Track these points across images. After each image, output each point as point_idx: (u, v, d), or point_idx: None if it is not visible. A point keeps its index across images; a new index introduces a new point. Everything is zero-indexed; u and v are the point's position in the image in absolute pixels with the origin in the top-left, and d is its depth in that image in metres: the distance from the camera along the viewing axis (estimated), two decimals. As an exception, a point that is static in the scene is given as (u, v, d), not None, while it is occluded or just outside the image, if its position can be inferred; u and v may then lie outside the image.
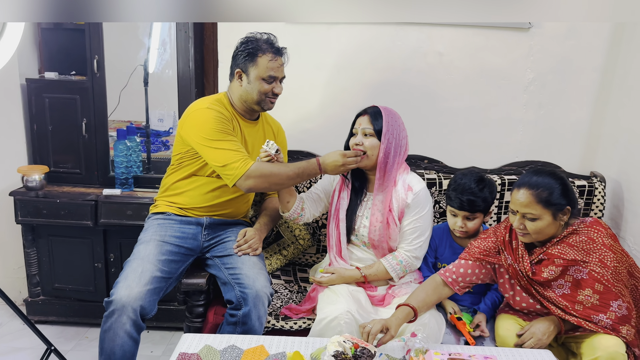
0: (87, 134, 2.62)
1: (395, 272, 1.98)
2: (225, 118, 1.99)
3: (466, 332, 1.90)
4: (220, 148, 1.91)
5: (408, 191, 1.99)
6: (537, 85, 2.58)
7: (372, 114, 1.99)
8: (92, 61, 2.53)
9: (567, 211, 1.77)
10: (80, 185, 2.67)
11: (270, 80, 2.01)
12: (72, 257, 2.67)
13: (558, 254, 1.78)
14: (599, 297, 1.74)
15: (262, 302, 1.88)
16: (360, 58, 2.57)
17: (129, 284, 1.82)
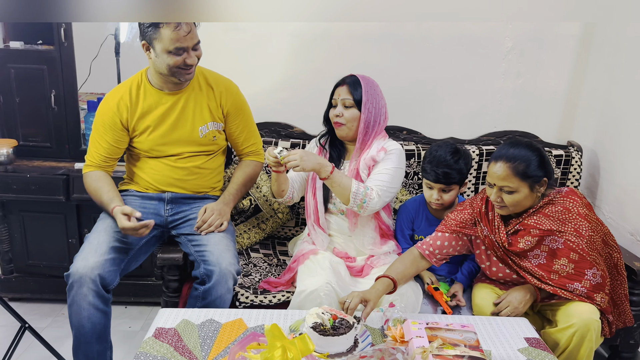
0: (57, 106, 2.53)
1: (356, 190, 1.86)
2: (116, 110, 1.95)
3: (443, 302, 1.92)
4: (90, 139, 2.02)
5: (380, 151, 1.96)
6: (515, 54, 2.56)
7: (351, 83, 1.96)
8: (59, 30, 2.42)
9: (544, 182, 1.77)
10: (51, 159, 2.59)
11: (178, 52, 1.83)
12: (45, 233, 2.61)
13: (534, 224, 1.79)
14: (574, 266, 1.76)
15: (225, 279, 1.84)
16: (335, 26, 2.51)
17: (84, 255, 1.81)
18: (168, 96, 1.98)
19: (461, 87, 2.60)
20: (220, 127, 2.08)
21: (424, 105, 2.62)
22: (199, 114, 2.01)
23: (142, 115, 1.98)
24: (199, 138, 2.03)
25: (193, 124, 2.01)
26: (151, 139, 1.99)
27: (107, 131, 1.98)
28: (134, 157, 2.07)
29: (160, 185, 2.04)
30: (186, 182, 2.06)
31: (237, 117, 2.09)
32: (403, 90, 2.60)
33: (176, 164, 2.03)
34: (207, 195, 2.12)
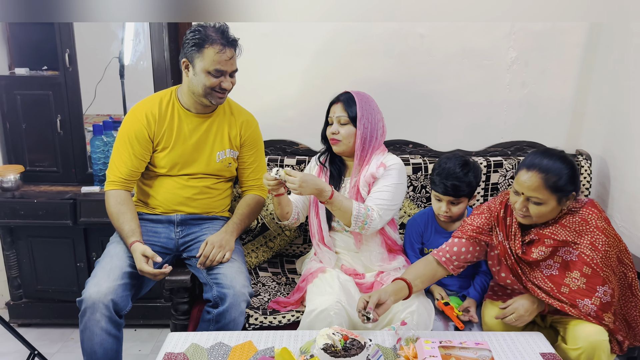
0: (63, 131, 2.54)
1: (357, 213, 1.85)
2: (144, 122, 1.96)
3: (454, 317, 1.88)
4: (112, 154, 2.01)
5: (380, 167, 1.95)
6: (520, 64, 2.55)
7: (345, 100, 1.96)
8: (64, 55, 2.44)
9: (571, 197, 1.71)
10: (58, 184, 2.60)
11: (217, 74, 1.88)
12: (53, 258, 2.61)
13: (549, 234, 1.73)
14: (586, 280, 1.70)
15: (239, 302, 1.83)
16: (339, 43, 2.51)
17: (97, 280, 1.80)
18: (194, 117, 2.01)
19: (466, 98, 2.59)
20: (236, 156, 2.12)
21: (429, 118, 2.61)
22: (219, 139, 2.05)
23: (167, 131, 1.99)
24: (216, 163, 2.06)
25: (212, 148, 2.04)
26: (170, 156, 2.00)
27: (134, 143, 1.97)
28: (146, 176, 2.07)
29: (170, 204, 2.04)
30: (196, 201, 2.06)
31: (251, 150, 2.13)
32: (408, 104, 2.59)
33: (188, 182, 2.04)
34: (215, 216, 2.12)
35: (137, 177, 2.03)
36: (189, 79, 1.92)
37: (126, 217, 1.94)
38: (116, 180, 1.99)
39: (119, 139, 2.00)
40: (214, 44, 1.85)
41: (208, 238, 1.96)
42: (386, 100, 2.57)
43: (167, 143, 2.00)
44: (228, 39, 1.88)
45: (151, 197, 2.06)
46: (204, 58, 1.86)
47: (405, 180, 2.00)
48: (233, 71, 1.92)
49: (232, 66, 1.91)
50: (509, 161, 2.44)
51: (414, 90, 2.57)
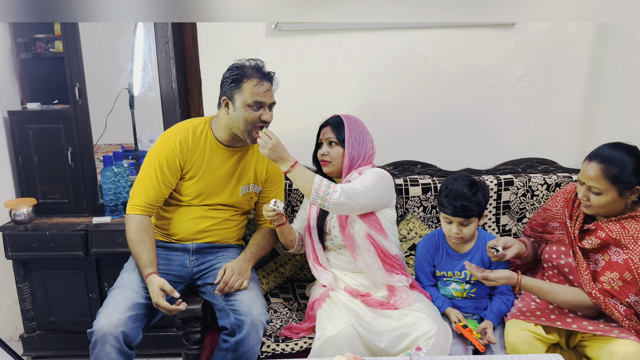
0: (74, 163, 2.57)
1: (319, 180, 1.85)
2: (176, 149, 1.97)
3: (474, 339, 1.84)
4: (138, 177, 2.00)
5: (356, 173, 2.00)
6: (526, 82, 2.54)
7: (334, 124, 2.05)
8: (74, 89, 2.48)
9: (636, 190, 1.70)
10: (70, 215, 2.62)
11: (256, 107, 1.92)
12: (65, 289, 2.62)
13: (606, 228, 1.74)
14: (622, 284, 1.69)
15: (257, 330, 1.82)
16: (344, 66, 2.53)
17: (108, 312, 1.79)
18: (225, 150, 2.03)
19: (473, 117, 2.58)
20: (258, 191, 2.14)
21: (437, 138, 2.60)
22: (245, 173, 2.08)
23: (197, 160, 2.01)
24: (239, 196, 2.08)
25: (238, 182, 2.06)
26: (197, 185, 2.01)
27: (164, 169, 1.97)
28: (166, 203, 2.07)
29: (188, 234, 2.05)
30: (213, 232, 2.07)
31: (274, 186, 2.17)
32: (415, 125, 2.59)
33: (207, 213, 2.05)
34: (230, 244, 2.13)
35: (161, 203, 2.03)
36: (229, 116, 1.95)
37: (146, 245, 1.93)
38: (140, 205, 1.98)
39: (148, 163, 1.99)
40: (252, 78, 1.91)
41: (226, 265, 1.96)
42: (393, 121, 2.59)
43: (196, 172, 2.01)
44: (264, 72, 1.94)
45: (169, 224, 2.07)
46: (243, 92, 1.90)
47: (386, 183, 2.01)
48: (272, 103, 1.96)
49: (270, 98, 1.95)
50: (520, 179, 2.42)
51: (420, 111, 2.57)
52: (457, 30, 2.50)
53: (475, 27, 2.49)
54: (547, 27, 2.49)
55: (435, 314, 1.89)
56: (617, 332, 1.71)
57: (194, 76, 2.62)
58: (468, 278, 2.04)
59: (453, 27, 2.49)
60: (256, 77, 1.91)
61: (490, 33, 2.50)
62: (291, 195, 2.38)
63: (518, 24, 2.48)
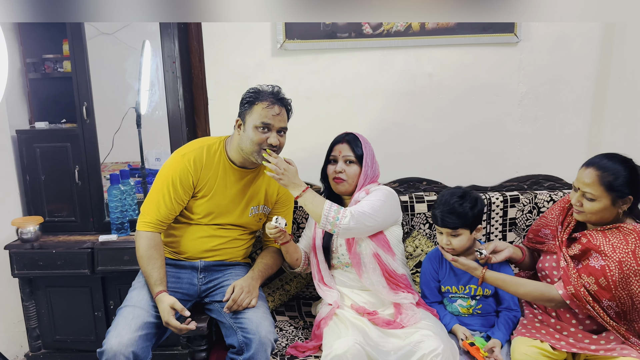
0: (80, 181, 2.59)
1: (329, 206, 1.87)
2: (190, 167, 1.97)
3: (481, 357, 1.83)
4: (150, 194, 2.00)
5: (363, 192, 2.01)
6: (530, 99, 2.55)
7: (352, 140, 2.04)
8: (81, 108, 2.51)
9: (628, 200, 1.74)
10: (76, 233, 2.63)
11: (264, 129, 1.91)
12: (71, 308, 2.61)
13: (589, 236, 1.78)
14: (597, 289, 1.72)
15: (265, 348, 1.81)
16: (348, 85, 2.55)
17: (119, 331, 1.78)
18: (237, 170, 2.04)
19: (478, 134, 2.59)
20: (268, 212, 2.15)
21: (442, 155, 2.61)
22: (256, 195, 2.09)
23: (210, 179, 2.01)
24: (248, 217, 2.08)
25: (248, 203, 2.07)
26: (208, 204, 2.02)
27: (177, 187, 1.97)
28: (175, 221, 2.07)
29: (196, 252, 2.05)
30: (222, 251, 2.07)
31: (284, 207, 2.18)
32: (420, 142, 2.60)
33: (216, 232, 2.05)
34: (237, 262, 2.13)
35: (171, 221, 2.03)
36: (240, 137, 1.96)
37: (156, 263, 1.92)
38: (152, 222, 1.97)
39: (160, 180, 1.99)
40: (264, 100, 1.92)
41: (235, 282, 1.95)
42: (398, 138, 2.60)
43: (208, 191, 2.01)
44: (278, 97, 1.95)
45: (178, 242, 2.06)
46: (252, 114, 1.92)
47: (392, 201, 2.02)
48: (281, 128, 1.95)
49: (279, 122, 1.94)
50: (526, 195, 2.41)
51: (425, 128, 2.58)
52: (460, 48, 2.52)
53: (479, 45, 2.51)
54: (551, 44, 2.50)
55: (442, 332, 1.87)
56: (620, 350, 1.71)
57: (200, 95, 2.65)
58: (473, 293, 2.02)
59: (457, 46, 2.51)
60: (268, 100, 1.92)
61: (494, 51, 2.51)
62: (297, 213, 2.38)
63: (521, 41, 2.50)
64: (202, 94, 2.65)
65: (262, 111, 1.91)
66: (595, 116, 2.56)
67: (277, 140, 1.94)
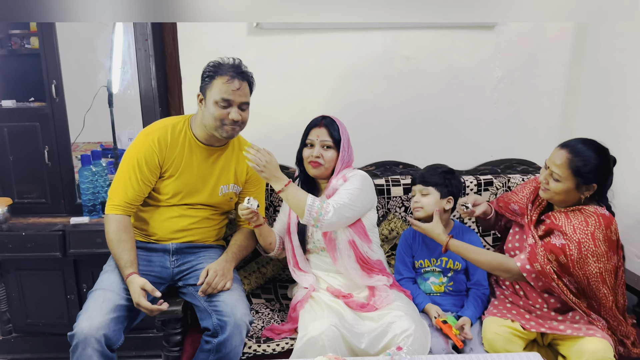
0: (51, 162, 2.52)
1: (312, 201, 1.87)
2: (155, 147, 1.94)
3: (453, 335, 1.88)
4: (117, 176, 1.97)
5: (340, 179, 2.01)
6: (506, 83, 2.57)
7: (330, 125, 2.03)
8: (50, 86, 2.43)
9: (592, 187, 1.78)
10: (47, 215, 2.57)
11: (224, 105, 1.89)
12: (43, 291, 2.57)
13: (552, 217, 1.83)
14: (557, 265, 1.77)
15: (240, 331, 1.81)
16: (325, 66, 2.53)
17: (89, 314, 1.76)
18: (204, 148, 2.00)
19: (454, 118, 2.60)
20: (238, 191, 2.12)
21: (418, 139, 2.62)
22: (225, 173, 2.05)
23: (176, 159, 1.98)
24: (218, 196, 2.05)
25: (217, 182, 2.04)
26: (175, 184, 1.99)
27: (143, 168, 1.94)
28: (144, 203, 2.04)
29: (166, 233, 2.02)
30: (192, 231, 2.04)
31: (255, 186, 2.14)
32: (397, 125, 2.60)
33: (186, 212, 2.03)
34: (211, 244, 2.11)
35: (140, 202, 2.00)
36: (202, 112, 1.93)
37: (126, 246, 1.90)
38: (120, 204, 1.94)
39: (126, 162, 1.96)
40: (223, 75, 1.88)
41: (209, 266, 1.94)
42: (375, 122, 2.59)
43: (174, 171, 1.98)
44: (239, 71, 1.90)
45: (148, 224, 2.04)
46: (212, 89, 1.89)
47: (368, 188, 2.04)
48: (242, 103, 1.92)
49: (240, 97, 1.90)
50: (499, 179, 2.45)
51: (402, 112, 2.58)
52: (438, 31, 2.51)
53: (457, 28, 2.51)
54: (527, 29, 2.52)
55: (414, 313, 1.90)
56: (585, 330, 1.76)
57: (174, 74, 2.59)
58: (444, 265, 2.09)
59: (435, 28, 2.51)
60: (228, 74, 1.88)
61: (472, 34, 2.52)
62: (273, 196, 2.36)
63: (498, 26, 2.50)
64: (175, 73, 2.59)
65: (222, 86, 1.87)
66: (569, 101, 2.59)
67: (238, 115, 1.91)
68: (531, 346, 1.90)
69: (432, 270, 2.11)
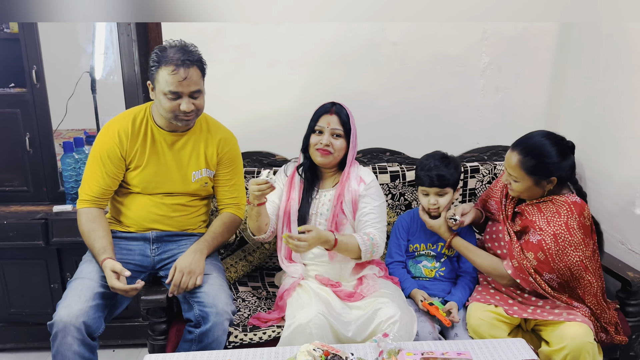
0: (32, 149, 2.47)
1: (365, 247, 1.90)
2: (116, 139, 1.90)
3: (440, 315, 1.90)
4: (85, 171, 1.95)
5: (361, 183, 2.00)
6: (493, 70, 2.56)
7: (341, 113, 1.97)
8: (30, 72, 2.38)
9: (552, 180, 1.79)
10: (29, 204, 2.53)
11: (173, 96, 1.80)
12: (26, 280, 2.53)
13: (526, 211, 1.84)
14: (536, 264, 1.79)
15: (222, 321, 1.80)
16: (312, 52, 2.50)
17: (68, 303, 1.75)
18: (168, 135, 1.95)
19: (441, 105, 2.59)
20: (212, 175, 2.05)
21: (405, 126, 2.61)
22: (194, 158, 1.99)
23: (139, 149, 1.94)
24: (191, 182, 2.00)
25: (187, 168, 1.98)
26: (143, 175, 1.95)
27: (107, 162, 1.92)
28: (119, 193, 2.02)
29: (144, 222, 1.99)
30: (171, 219, 2.01)
31: (228, 167, 2.06)
32: (384, 112, 2.58)
33: (162, 200, 1.99)
34: (193, 233, 2.07)
35: (109, 196, 1.98)
36: (155, 101, 1.88)
37: (97, 234, 1.89)
38: (88, 199, 1.93)
39: (91, 157, 1.95)
40: (168, 64, 1.76)
41: (177, 262, 1.88)
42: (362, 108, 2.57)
43: (140, 162, 1.94)
44: (182, 58, 1.77)
45: (124, 215, 2.01)
46: (159, 79, 1.80)
47: (384, 197, 2.07)
48: (193, 92, 1.82)
49: (188, 87, 1.79)
50: (486, 166, 2.45)
51: (389, 98, 2.57)
52: (426, 17, 2.49)
53: (444, 14, 2.49)
54: (514, 16, 2.50)
55: (400, 299, 1.91)
56: (566, 315, 1.78)
57: (158, 60, 2.54)
58: (439, 249, 2.10)
59: (422, 14, 2.48)
60: (172, 64, 1.76)
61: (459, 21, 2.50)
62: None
63: (486, 12, 2.49)
64: (160, 59, 2.55)
65: (167, 77, 1.76)
66: (555, 88, 2.59)
67: (190, 106, 1.82)
68: (516, 331, 1.92)
69: (427, 254, 2.12)
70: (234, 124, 2.19)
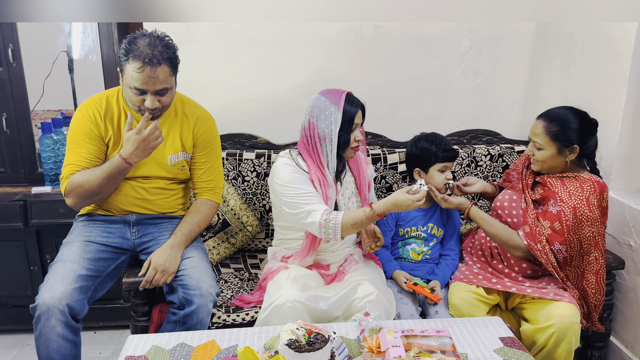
0: (9, 129, 2.43)
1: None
2: (92, 120, 1.86)
3: (427, 292, 1.94)
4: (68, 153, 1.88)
5: (368, 165, 2.10)
6: (473, 54, 2.59)
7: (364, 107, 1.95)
8: (7, 50, 2.32)
9: (574, 149, 1.84)
10: (6, 185, 2.49)
11: (137, 92, 1.76)
12: (4, 262, 2.50)
13: (549, 182, 1.89)
14: (550, 232, 1.83)
15: (206, 303, 1.81)
16: (294, 33, 2.49)
17: (50, 285, 1.74)
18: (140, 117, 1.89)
19: (422, 88, 2.61)
20: (189, 158, 2.02)
21: (386, 109, 2.62)
22: (170, 142, 1.96)
23: (114, 131, 1.90)
24: (167, 166, 1.97)
25: (163, 151, 1.94)
26: None
27: (87, 142, 1.86)
28: None
29: (123, 206, 1.97)
30: (149, 202, 1.99)
31: (205, 149, 2.02)
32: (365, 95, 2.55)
33: (141, 184, 1.96)
34: (173, 215, 2.06)
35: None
36: (123, 88, 1.84)
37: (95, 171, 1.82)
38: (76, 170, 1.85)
39: (70, 139, 1.89)
40: (135, 60, 1.70)
41: (152, 256, 1.87)
42: (343, 91, 2.57)
43: (117, 140, 1.91)
44: (151, 55, 1.70)
45: (105, 200, 1.97)
46: (126, 71, 1.75)
47: None
48: (160, 90, 1.77)
49: (154, 85, 1.74)
50: (465, 150, 2.49)
51: (370, 81, 2.58)
52: (407, 0, 2.49)
53: (426, -3, 2.49)
54: (495, 0, 2.52)
55: (379, 279, 1.94)
56: (553, 295, 1.82)
57: (137, 40, 2.50)
58: (430, 231, 2.12)
59: (404, -3, 2.48)
60: (140, 60, 1.69)
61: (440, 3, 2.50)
62: (241, 165, 2.35)
63: (467, -4, 2.50)
64: (139, 39, 2.51)
65: (134, 74, 1.71)
66: (533, 73, 2.63)
67: (155, 103, 1.78)
68: (493, 311, 1.97)
69: (417, 235, 2.13)
70: (215, 105, 2.18)
